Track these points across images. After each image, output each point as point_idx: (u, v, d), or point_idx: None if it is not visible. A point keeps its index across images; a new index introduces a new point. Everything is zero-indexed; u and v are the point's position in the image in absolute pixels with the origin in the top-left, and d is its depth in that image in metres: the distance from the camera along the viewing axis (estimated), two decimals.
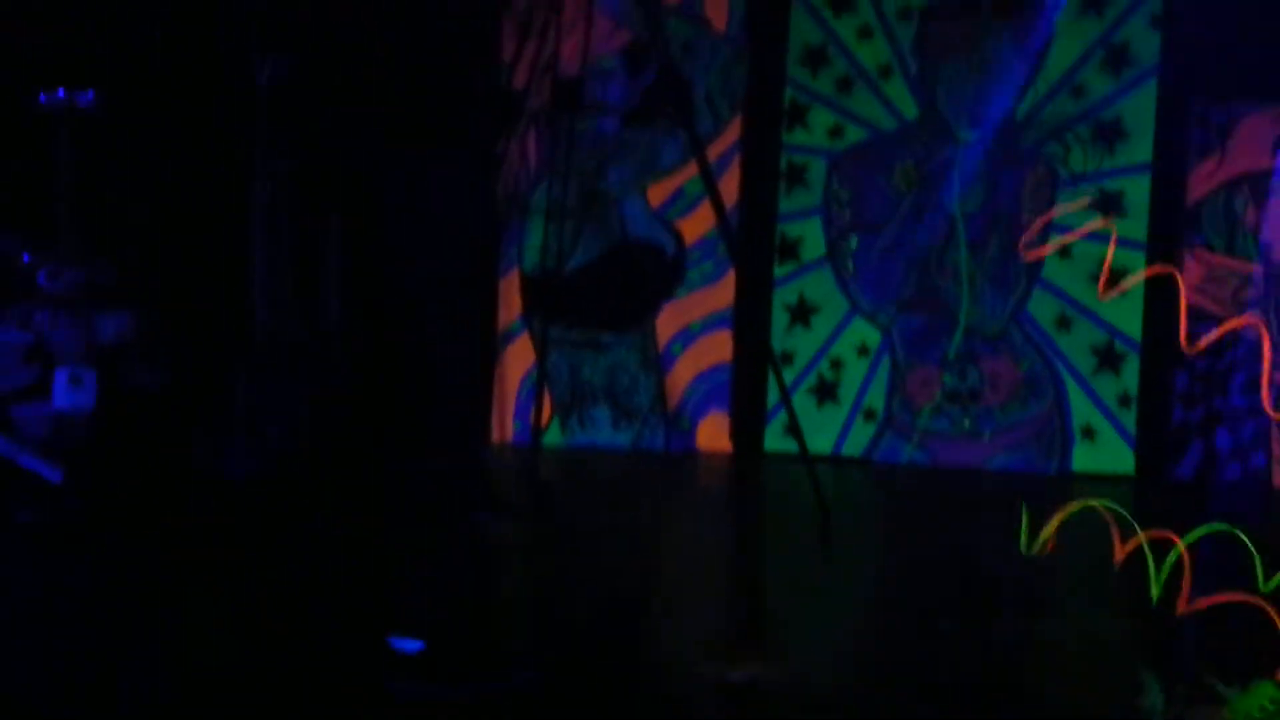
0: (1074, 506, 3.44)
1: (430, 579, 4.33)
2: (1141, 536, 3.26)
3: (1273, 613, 3.25)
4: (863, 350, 7.13)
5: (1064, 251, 6.91)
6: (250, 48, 6.50)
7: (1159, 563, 3.32)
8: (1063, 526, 3.36)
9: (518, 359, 7.12)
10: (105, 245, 6.26)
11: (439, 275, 4.40)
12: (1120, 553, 3.34)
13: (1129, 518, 3.34)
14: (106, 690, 3.78)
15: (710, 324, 7.20)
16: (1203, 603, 3.35)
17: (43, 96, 6.22)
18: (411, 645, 4.10)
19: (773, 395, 7.04)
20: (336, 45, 6.28)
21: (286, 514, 5.68)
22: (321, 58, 6.27)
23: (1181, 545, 3.33)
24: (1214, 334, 3.72)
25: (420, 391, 5.09)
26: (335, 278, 6.64)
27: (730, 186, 7.05)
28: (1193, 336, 6.58)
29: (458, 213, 4.71)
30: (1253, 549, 3.35)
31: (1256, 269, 6.79)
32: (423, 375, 4.83)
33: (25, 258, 6.09)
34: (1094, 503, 3.33)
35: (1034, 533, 3.34)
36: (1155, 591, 3.29)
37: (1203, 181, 6.87)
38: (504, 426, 7.13)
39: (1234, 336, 6.77)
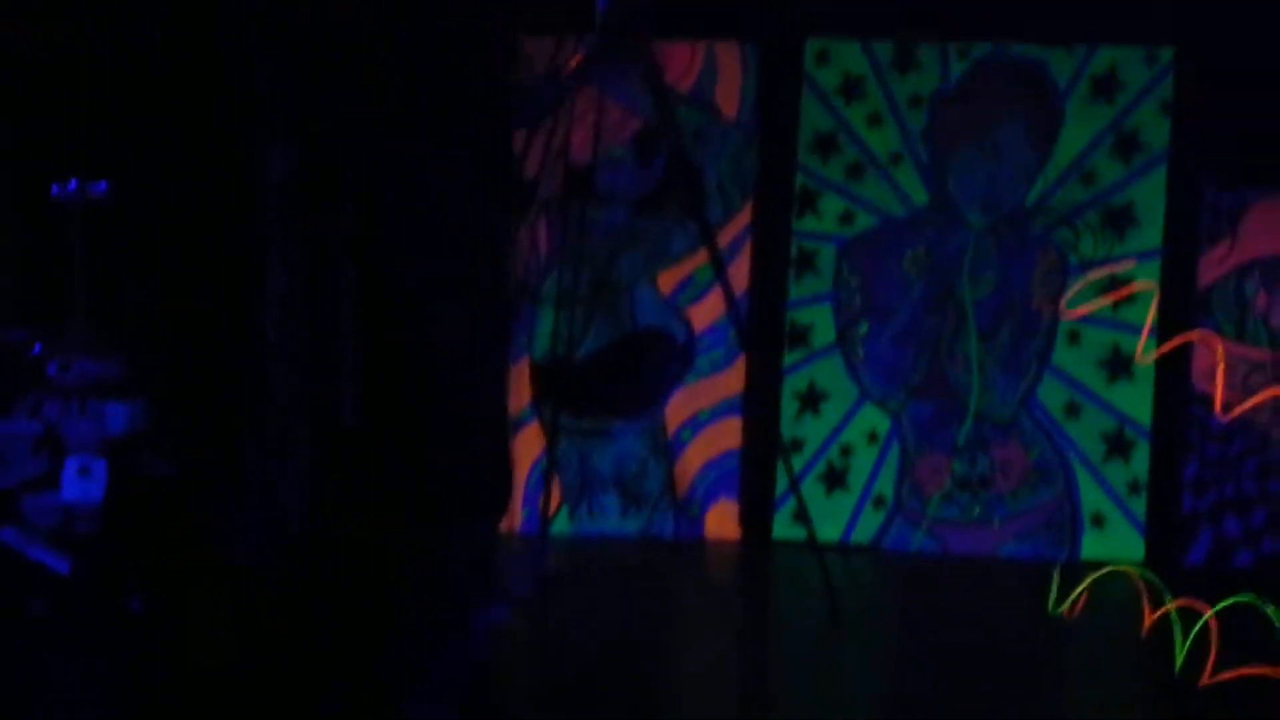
0: (1104, 571, 3.48)
1: (439, 670, 4.42)
2: (1170, 605, 3.26)
3: None
4: (872, 437, 7.14)
5: (1073, 338, 6.94)
6: (262, 140, 6.59)
7: (1185, 632, 3.35)
8: (1088, 595, 3.41)
9: (527, 446, 7.12)
10: (116, 336, 6.25)
11: (457, 359, 4.55)
12: (1148, 620, 3.38)
13: (1160, 585, 3.35)
14: None
15: (720, 411, 7.21)
16: (1227, 675, 3.36)
17: (55, 188, 6.19)
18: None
19: (782, 482, 7.05)
20: (350, 131, 6.42)
21: (300, 597, 5.61)
22: (335, 146, 6.38)
23: (1210, 614, 3.33)
24: (1251, 402, 3.78)
25: (441, 475, 5.21)
26: (351, 367, 6.70)
27: (740, 273, 7.09)
28: (1205, 420, 6.67)
29: (473, 299, 4.82)
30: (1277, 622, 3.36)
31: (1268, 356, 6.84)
32: (444, 461, 4.96)
33: (35, 349, 6.06)
34: (1126, 569, 3.37)
35: (1063, 596, 3.43)
36: (1179, 661, 3.33)
37: (1213, 267, 6.88)
38: (512, 514, 7.09)
39: (1245, 424, 6.76)
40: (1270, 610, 3.89)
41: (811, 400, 7.16)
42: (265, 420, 6.30)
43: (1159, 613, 3.61)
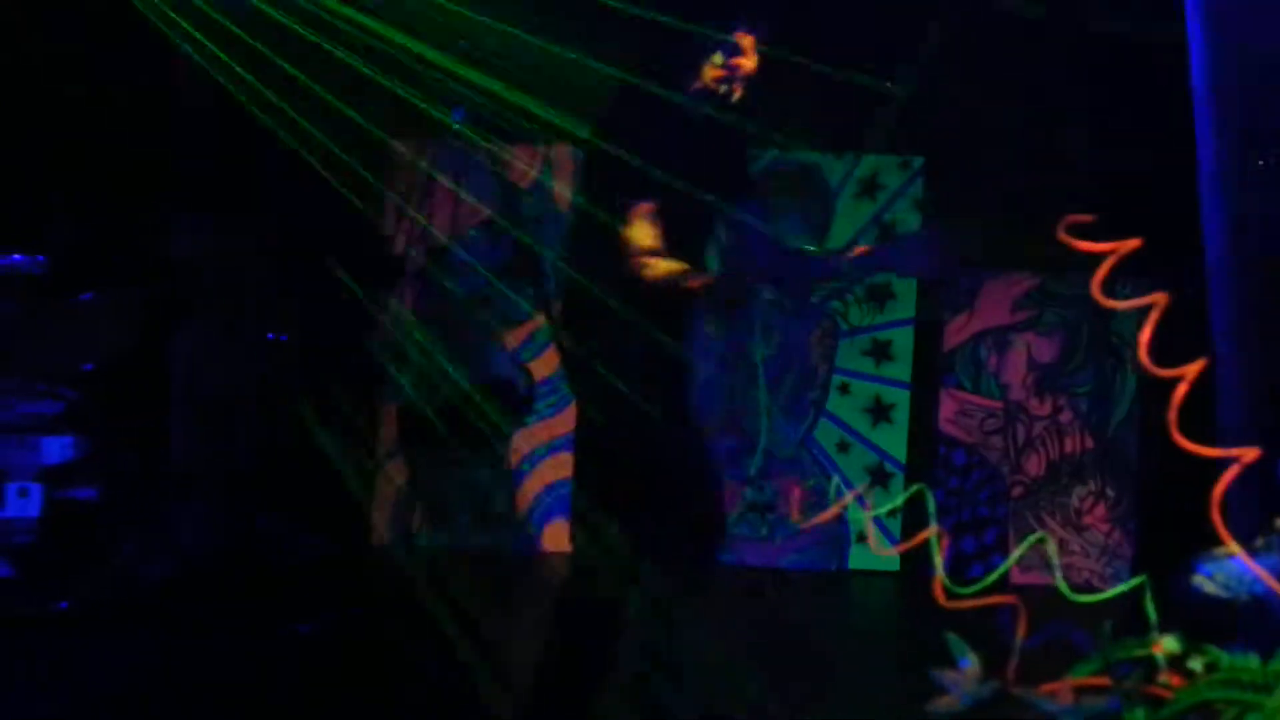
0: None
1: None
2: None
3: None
4: None
5: (844, 389, 7.39)
6: (169, 218, 6.89)
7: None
8: None
9: (394, 474, 7.44)
10: (51, 383, 6.45)
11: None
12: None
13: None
14: None
15: (555, 447, 7.55)
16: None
17: None
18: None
19: None
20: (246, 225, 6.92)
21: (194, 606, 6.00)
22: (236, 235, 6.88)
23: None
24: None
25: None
26: (247, 413, 7.07)
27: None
28: (946, 460, 7.40)
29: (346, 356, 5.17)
30: None
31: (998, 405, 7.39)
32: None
33: None
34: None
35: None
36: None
37: (955, 334, 7.43)
38: (381, 530, 7.45)
39: (981, 459, 7.44)
40: None
41: None
42: (169, 462, 6.82)
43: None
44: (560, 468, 7.60)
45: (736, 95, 4.36)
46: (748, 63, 4.35)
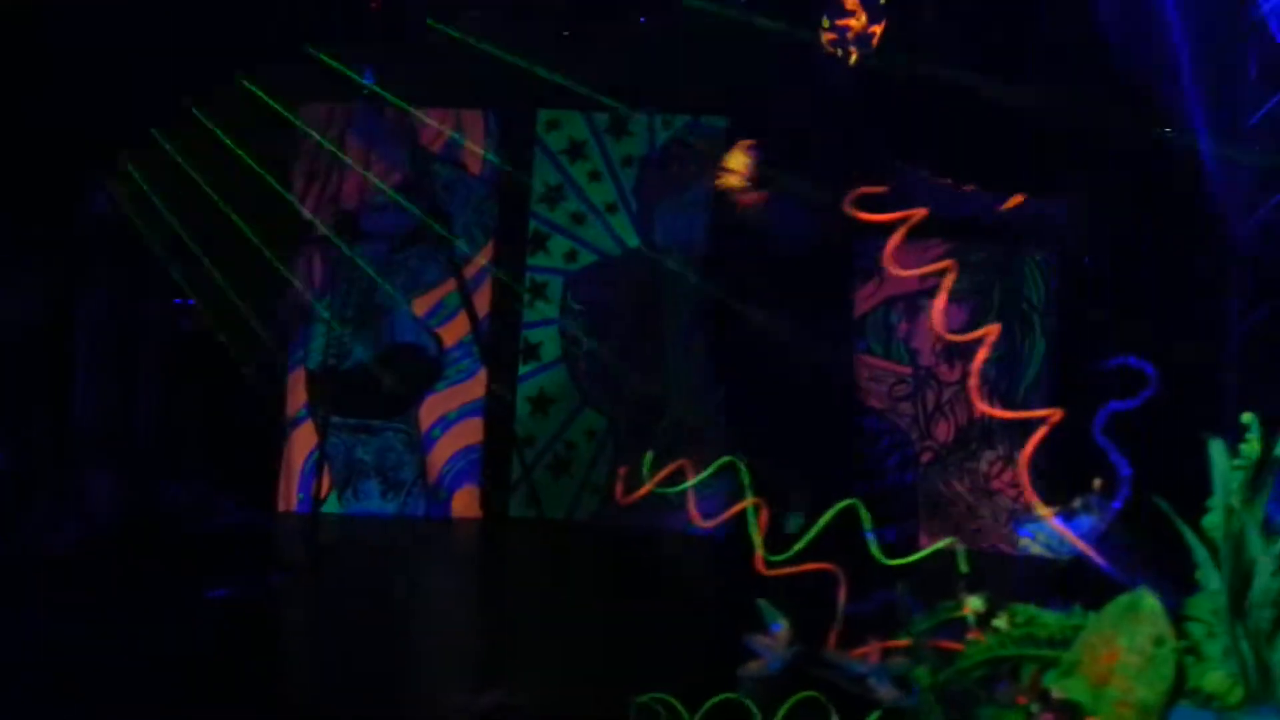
0: None
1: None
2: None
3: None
4: (591, 434, 7.59)
5: None
6: (83, 181, 6.82)
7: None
8: None
9: (302, 441, 7.38)
10: None
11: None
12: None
13: None
14: None
15: (465, 413, 7.59)
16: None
17: None
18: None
19: (516, 471, 7.51)
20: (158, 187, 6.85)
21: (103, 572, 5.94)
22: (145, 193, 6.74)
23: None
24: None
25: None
26: (151, 384, 7.05)
27: (483, 300, 7.52)
28: (857, 425, 7.35)
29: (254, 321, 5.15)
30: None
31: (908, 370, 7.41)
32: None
33: None
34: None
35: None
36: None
37: (866, 300, 7.39)
38: (289, 497, 7.41)
39: (891, 426, 7.49)
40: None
41: (541, 404, 7.60)
42: (76, 428, 6.78)
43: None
44: (470, 434, 7.62)
45: (854, 58, 4.33)
46: (855, 22, 4.34)
